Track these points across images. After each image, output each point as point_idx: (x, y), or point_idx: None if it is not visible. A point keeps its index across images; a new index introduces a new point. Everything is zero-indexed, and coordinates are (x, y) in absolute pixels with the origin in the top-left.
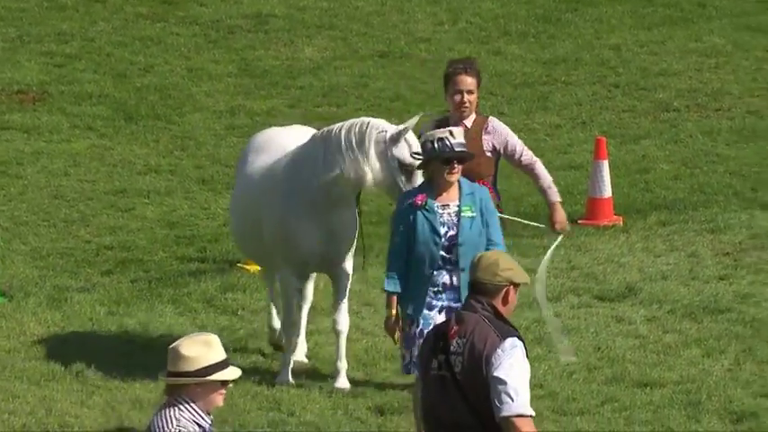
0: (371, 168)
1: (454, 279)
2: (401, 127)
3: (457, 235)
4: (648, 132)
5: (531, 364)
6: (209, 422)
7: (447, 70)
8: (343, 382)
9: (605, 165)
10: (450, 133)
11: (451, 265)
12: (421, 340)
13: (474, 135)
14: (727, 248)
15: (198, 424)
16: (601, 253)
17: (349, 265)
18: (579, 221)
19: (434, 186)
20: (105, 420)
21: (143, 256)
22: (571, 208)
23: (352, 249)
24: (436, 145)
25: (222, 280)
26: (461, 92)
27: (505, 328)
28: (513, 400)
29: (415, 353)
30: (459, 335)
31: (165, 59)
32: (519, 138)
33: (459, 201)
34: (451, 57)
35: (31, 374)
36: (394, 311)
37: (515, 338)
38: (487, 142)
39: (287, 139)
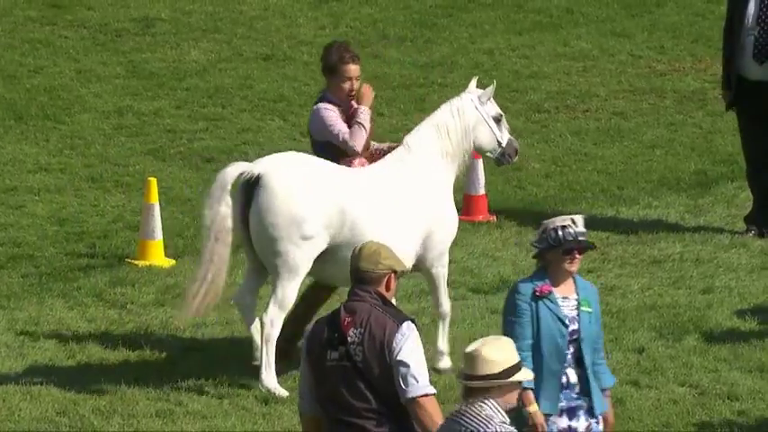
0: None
1: (576, 377)
2: (483, 91)
3: (579, 330)
4: (521, 132)
5: None
6: (508, 421)
7: (333, 58)
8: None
9: (480, 163)
10: (573, 221)
11: (574, 362)
12: None
13: None
14: (594, 242)
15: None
16: (476, 248)
17: None
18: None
19: (551, 276)
20: None
21: (33, 251)
22: None
23: None
24: (559, 233)
25: (111, 275)
26: (351, 79)
27: (399, 313)
28: (417, 382)
29: None
30: (354, 325)
31: (54, 62)
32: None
33: (577, 294)
34: None
35: None
36: (535, 407)
37: (410, 322)
38: None
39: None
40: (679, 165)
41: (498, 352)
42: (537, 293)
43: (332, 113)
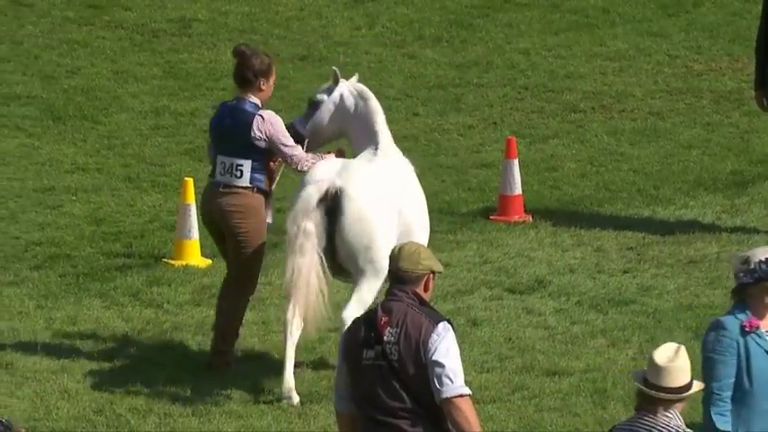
0: None
1: None
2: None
3: None
4: (556, 132)
5: None
6: (682, 422)
7: (268, 59)
8: None
9: (515, 163)
10: None
11: None
12: None
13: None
14: (630, 243)
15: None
16: (511, 248)
17: None
18: (491, 217)
19: (754, 310)
20: (34, 410)
21: (71, 251)
22: (483, 204)
23: None
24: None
25: (148, 274)
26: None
27: (435, 314)
28: (452, 382)
29: None
30: (391, 324)
31: (91, 62)
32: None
33: None
34: (368, 59)
35: None
36: None
37: (446, 322)
38: None
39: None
40: (715, 165)
41: (687, 360)
42: (746, 329)
43: (284, 127)
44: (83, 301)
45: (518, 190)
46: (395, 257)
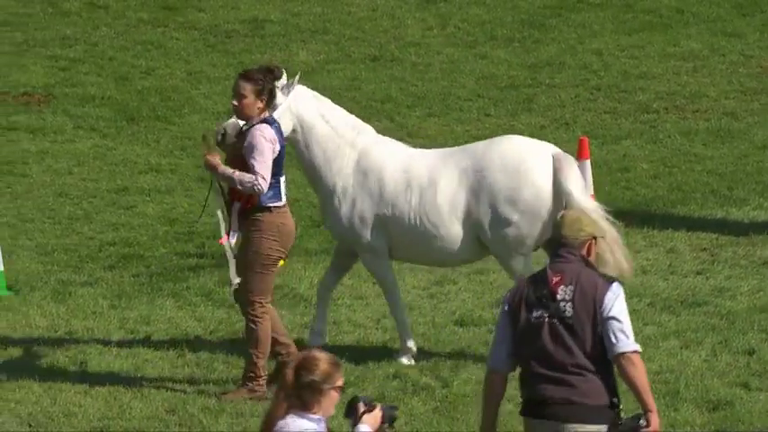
0: None
1: None
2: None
3: None
4: (629, 133)
5: None
6: None
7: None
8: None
9: (588, 164)
10: None
11: None
12: None
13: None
14: (704, 244)
15: None
16: None
17: None
18: None
19: None
20: (108, 409)
21: (144, 251)
22: None
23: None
24: None
25: (220, 274)
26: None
27: (606, 275)
28: (627, 338)
29: None
30: (564, 283)
31: (165, 63)
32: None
33: None
34: (440, 60)
35: (36, 365)
36: None
37: (618, 283)
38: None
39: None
40: None
41: None
42: None
43: None
44: (156, 301)
45: (590, 190)
46: (557, 225)
